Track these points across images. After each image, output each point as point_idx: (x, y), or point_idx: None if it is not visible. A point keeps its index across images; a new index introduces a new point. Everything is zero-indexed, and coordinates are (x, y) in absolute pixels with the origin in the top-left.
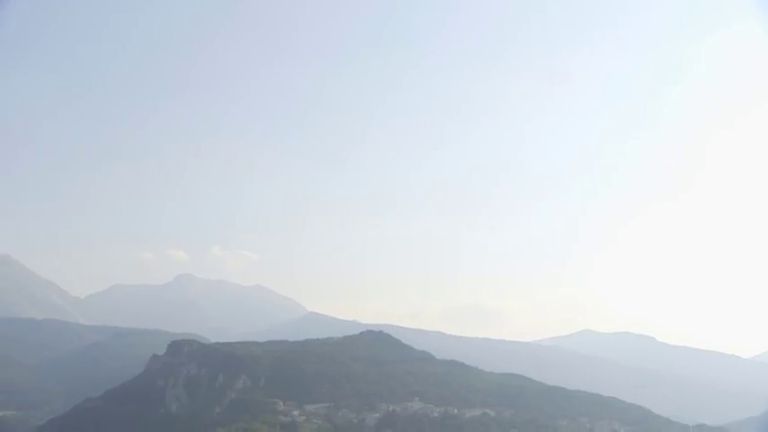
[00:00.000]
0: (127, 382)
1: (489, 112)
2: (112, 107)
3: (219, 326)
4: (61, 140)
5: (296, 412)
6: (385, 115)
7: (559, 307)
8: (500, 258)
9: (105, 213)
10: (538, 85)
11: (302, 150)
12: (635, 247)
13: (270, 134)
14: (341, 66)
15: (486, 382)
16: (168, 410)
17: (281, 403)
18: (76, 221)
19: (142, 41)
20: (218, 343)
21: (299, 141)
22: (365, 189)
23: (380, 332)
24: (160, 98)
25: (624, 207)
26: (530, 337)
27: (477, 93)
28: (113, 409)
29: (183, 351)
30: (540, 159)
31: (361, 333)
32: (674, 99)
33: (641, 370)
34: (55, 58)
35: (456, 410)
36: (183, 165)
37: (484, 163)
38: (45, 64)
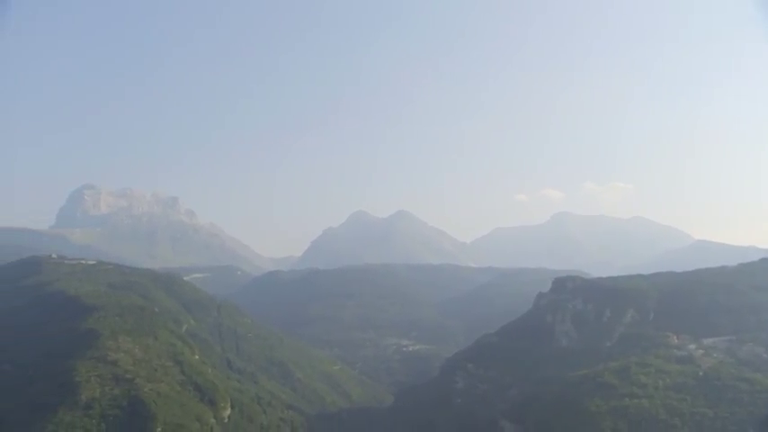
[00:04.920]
0: (518, 319)
1: None
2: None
3: (600, 260)
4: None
5: (692, 346)
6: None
7: None
8: None
9: (483, 162)
10: None
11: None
12: None
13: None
14: None
15: None
16: (559, 345)
17: (674, 337)
18: (457, 172)
19: None
20: (600, 278)
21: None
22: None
23: None
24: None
25: None
26: None
27: None
28: (508, 344)
29: (567, 287)
30: None
31: (762, 260)
32: None
33: None
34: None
35: None
36: (547, 105)
37: None
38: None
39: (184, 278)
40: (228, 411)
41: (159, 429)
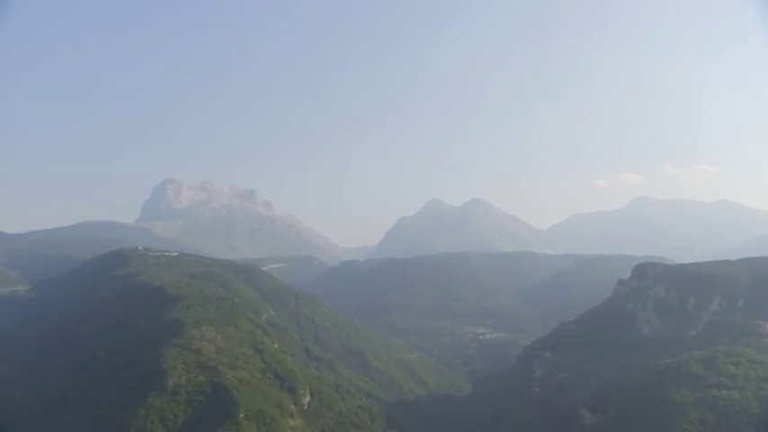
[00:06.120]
0: (596, 307)
1: None
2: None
3: (682, 246)
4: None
5: None
6: None
7: None
8: None
9: (559, 147)
10: None
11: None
12: None
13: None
14: None
15: None
16: (640, 333)
17: (766, 325)
18: (533, 158)
19: None
20: (683, 264)
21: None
22: None
23: None
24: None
25: None
26: None
27: None
28: (587, 332)
29: (649, 274)
30: None
31: None
32: None
33: None
34: None
35: None
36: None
37: None
38: None
39: (263, 269)
40: (308, 398)
41: (242, 415)
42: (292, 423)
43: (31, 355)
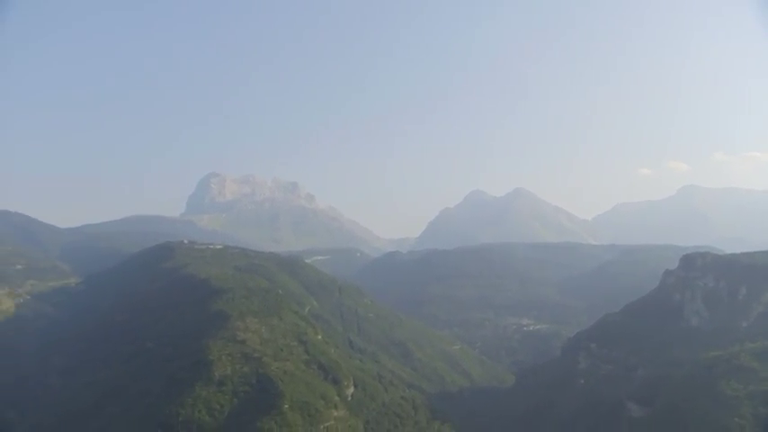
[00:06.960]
0: (643, 298)
1: None
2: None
3: (733, 235)
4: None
5: None
6: None
7: None
8: None
9: (603, 136)
10: None
11: None
12: None
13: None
14: None
15: None
16: (688, 324)
17: None
18: (577, 147)
19: None
20: (734, 254)
21: None
22: None
23: None
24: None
25: None
26: None
27: None
28: (633, 323)
29: (697, 264)
30: None
31: None
32: None
33: None
34: None
35: None
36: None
37: None
38: None
39: (306, 261)
40: (351, 389)
41: (287, 406)
42: (336, 414)
43: (83, 345)
